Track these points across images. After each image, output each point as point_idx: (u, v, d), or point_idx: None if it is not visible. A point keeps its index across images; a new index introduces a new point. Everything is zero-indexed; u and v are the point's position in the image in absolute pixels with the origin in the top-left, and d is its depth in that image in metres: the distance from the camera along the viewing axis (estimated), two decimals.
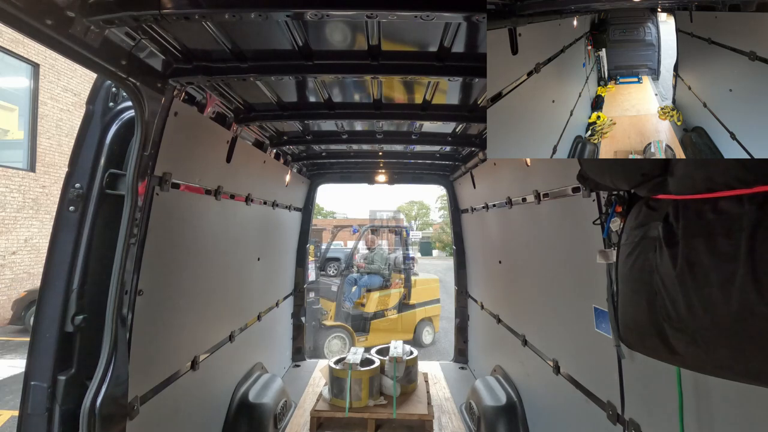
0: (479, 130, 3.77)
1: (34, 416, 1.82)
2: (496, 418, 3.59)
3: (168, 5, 1.59)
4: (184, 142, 2.46)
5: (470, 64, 2.30)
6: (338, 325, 8.68)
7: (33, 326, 1.90)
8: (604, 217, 1.66)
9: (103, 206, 2.01)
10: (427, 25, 1.92)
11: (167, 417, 2.55)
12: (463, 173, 5.19)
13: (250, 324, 4.15)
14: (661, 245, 1.19)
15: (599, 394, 2.33)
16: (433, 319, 10.29)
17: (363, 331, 8.98)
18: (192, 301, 2.84)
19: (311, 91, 2.91)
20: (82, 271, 1.94)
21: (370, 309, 9.13)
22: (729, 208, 1.06)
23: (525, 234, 3.57)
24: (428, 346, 10.00)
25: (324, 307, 8.89)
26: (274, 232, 4.91)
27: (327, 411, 4.09)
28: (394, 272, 10.28)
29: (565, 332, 2.81)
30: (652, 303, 1.21)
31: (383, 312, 9.29)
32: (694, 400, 1.60)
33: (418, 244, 51.27)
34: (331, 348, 8.44)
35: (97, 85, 2.11)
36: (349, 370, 4.11)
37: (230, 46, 2.12)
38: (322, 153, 5.00)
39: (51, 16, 1.39)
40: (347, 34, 2.10)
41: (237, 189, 3.53)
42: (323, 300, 9.13)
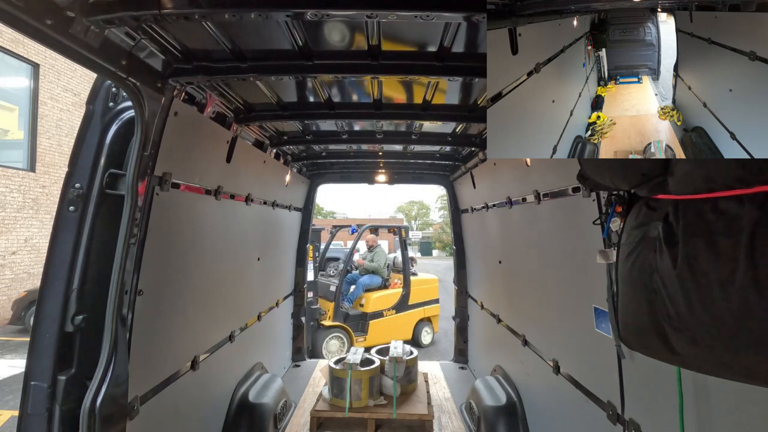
0: (479, 130, 3.77)
1: (34, 416, 1.82)
2: (496, 418, 3.59)
3: (168, 5, 1.59)
4: (184, 142, 2.46)
5: (470, 64, 2.30)
6: (337, 326, 8.67)
7: (33, 326, 1.90)
8: (604, 217, 1.66)
9: (103, 206, 2.01)
10: (427, 25, 1.92)
11: (167, 417, 2.54)
12: (463, 173, 5.19)
13: (250, 324, 4.15)
14: (661, 245, 1.18)
15: (599, 394, 2.33)
16: (432, 320, 10.28)
17: (362, 332, 8.96)
18: (192, 300, 2.84)
19: (311, 91, 2.91)
20: (82, 271, 1.94)
21: (368, 309, 9.12)
22: (729, 208, 1.06)
23: (525, 234, 3.57)
24: (427, 347, 9.98)
25: (323, 307, 8.88)
26: (274, 232, 4.91)
27: (327, 411, 4.09)
28: (394, 272, 10.26)
29: (565, 332, 2.81)
30: (652, 303, 1.21)
31: (382, 312, 9.27)
32: (694, 400, 1.60)
33: (418, 244, 51.31)
34: (330, 348, 8.43)
35: (97, 85, 2.11)
36: (349, 370, 4.11)
37: (230, 46, 2.12)
38: (322, 153, 5.00)
39: (51, 16, 1.39)
40: (347, 34, 2.10)
41: (237, 189, 3.53)
42: (322, 300, 9.12)
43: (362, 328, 9.02)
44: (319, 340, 8.35)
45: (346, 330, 8.72)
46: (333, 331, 8.59)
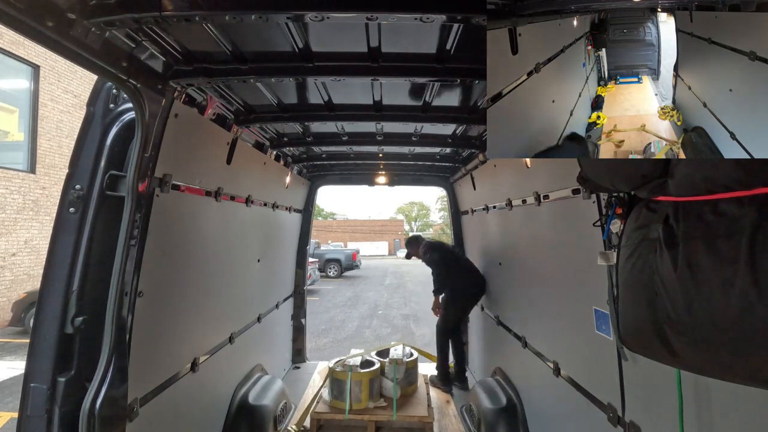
0: (479, 131, 3.77)
1: (33, 418, 1.82)
2: (496, 420, 3.57)
3: (168, 7, 1.59)
4: (184, 143, 2.46)
5: (470, 66, 2.30)
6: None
7: (33, 328, 1.89)
8: (605, 219, 1.66)
9: (104, 208, 2.00)
10: (427, 26, 1.92)
11: (167, 419, 2.54)
12: (463, 175, 5.19)
13: (250, 325, 4.14)
14: (661, 247, 1.18)
15: (600, 396, 2.32)
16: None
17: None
18: (192, 302, 2.83)
19: (311, 93, 2.92)
20: (82, 273, 1.93)
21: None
22: (729, 209, 1.06)
23: (525, 236, 3.57)
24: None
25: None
26: (274, 233, 4.91)
27: (327, 413, 4.08)
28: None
29: (565, 334, 2.80)
30: (652, 305, 1.20)
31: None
32: (694, 403, 1.59)
33: None
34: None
35: (97, 86, 2.11)
36: (349, 372, 4.10)
37: (231, 47, 2.12)
38: (323, 155, 5.00)
39: (52, 18, 1.39)
40: (347, 36, 2.11)
41: (237, 190, 3.53)
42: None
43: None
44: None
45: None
46: None
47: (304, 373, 5.75)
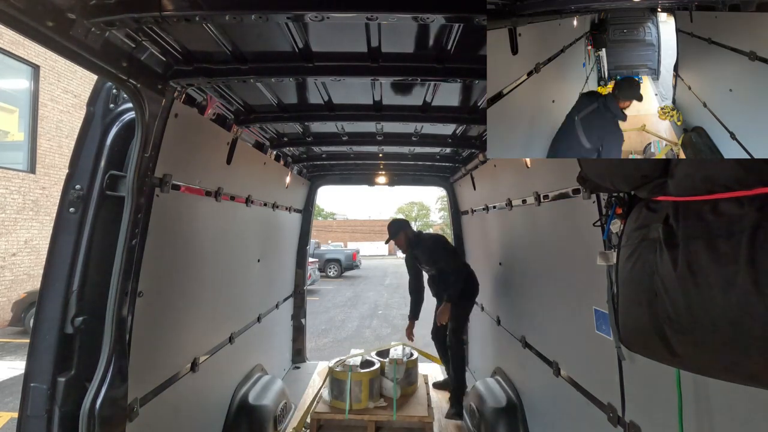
0: (479, 131, 3.77)
1: (33, 418, 1.82)
2: (496, 420, 3.57)
3: (168, 7, 1.59)
4: (184, 143, 2.46)
5: (470, 66, 2.30)
6: None
7: (33, 328, 1.90)
8: (604, 219, 1.66)
9: (104, 208, 2.00)
10: (427, 26, 1.93)
11: (167, 419, 2.54)
12: (463, 175, 5.19)
13: (250, 325, 4.14)
14: (661, 247, 1.18)
15: (600, 396, 2.32)
16: None
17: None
18: (192, 302, 2.83)
19: (311, 93, 2.92)
20: (82, 273, 1.93)
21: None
22: (729, 209, 1.06)
23: (525, 236, 3.57)
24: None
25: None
26: (274, 233, 4.91)
27: (327, 413, 4.08)
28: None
29: (565, 334, 2.80)
30: (652, 305, 1.20)
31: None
32: (693, 403, 1.59)
33: None
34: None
35: (97, 86, 2.11)
36: (349, 372, 4.10)
37: (231, 47, 2.12)
38: (323, 155, 5.00)
39: (52, 18, 1.39)
40: (347, 36, 2.11)
41: (237, 190, 3.53)
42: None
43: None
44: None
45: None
46: None
47: (304, 373, 5.75)
